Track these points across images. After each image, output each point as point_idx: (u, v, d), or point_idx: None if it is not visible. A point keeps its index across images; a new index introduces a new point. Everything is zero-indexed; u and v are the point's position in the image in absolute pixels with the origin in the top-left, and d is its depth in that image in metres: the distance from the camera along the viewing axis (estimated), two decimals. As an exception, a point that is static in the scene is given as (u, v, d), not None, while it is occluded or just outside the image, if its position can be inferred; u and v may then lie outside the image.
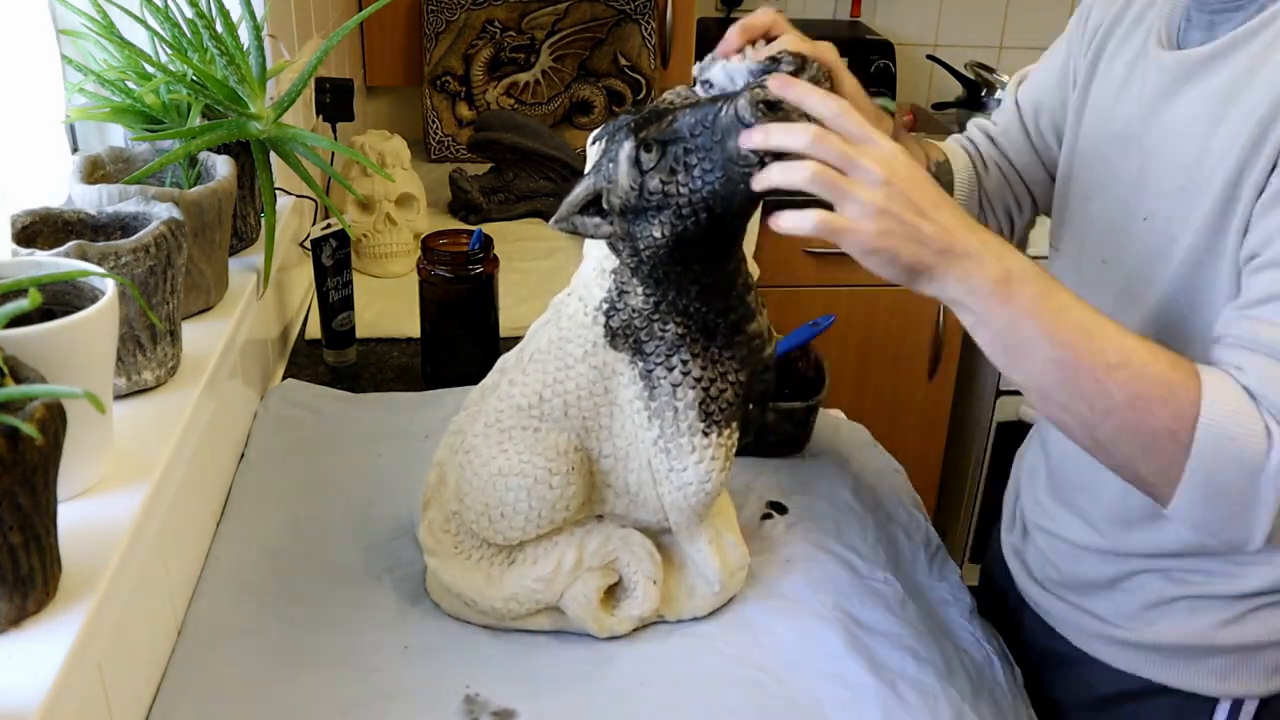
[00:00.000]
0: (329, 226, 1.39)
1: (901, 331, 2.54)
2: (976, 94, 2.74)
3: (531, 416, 0.95)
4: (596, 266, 0.92)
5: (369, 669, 0.95)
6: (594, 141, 0.89)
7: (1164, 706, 1.02)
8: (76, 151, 1.19)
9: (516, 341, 1.01)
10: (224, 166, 1.06)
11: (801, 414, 1.27)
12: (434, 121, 2.30)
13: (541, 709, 0.92)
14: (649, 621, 1.01)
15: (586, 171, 0.89)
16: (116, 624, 0.76)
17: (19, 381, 0.65)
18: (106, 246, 0.85)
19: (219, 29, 1.08)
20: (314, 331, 1.52)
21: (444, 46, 2.28)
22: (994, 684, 1.00)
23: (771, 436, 1.26)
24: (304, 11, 1.71)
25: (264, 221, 1.15)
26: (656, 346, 0.91)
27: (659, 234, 0.86)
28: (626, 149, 0.85)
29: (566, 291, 0.97)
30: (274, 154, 1.13)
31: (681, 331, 0.91)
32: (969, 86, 2.76)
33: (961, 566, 1.58)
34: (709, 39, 2.58)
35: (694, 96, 0.86)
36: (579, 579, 0.98)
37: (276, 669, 0.94)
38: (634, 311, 0.91)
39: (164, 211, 0.92)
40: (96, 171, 1.05)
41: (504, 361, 1.00)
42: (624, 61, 2.34)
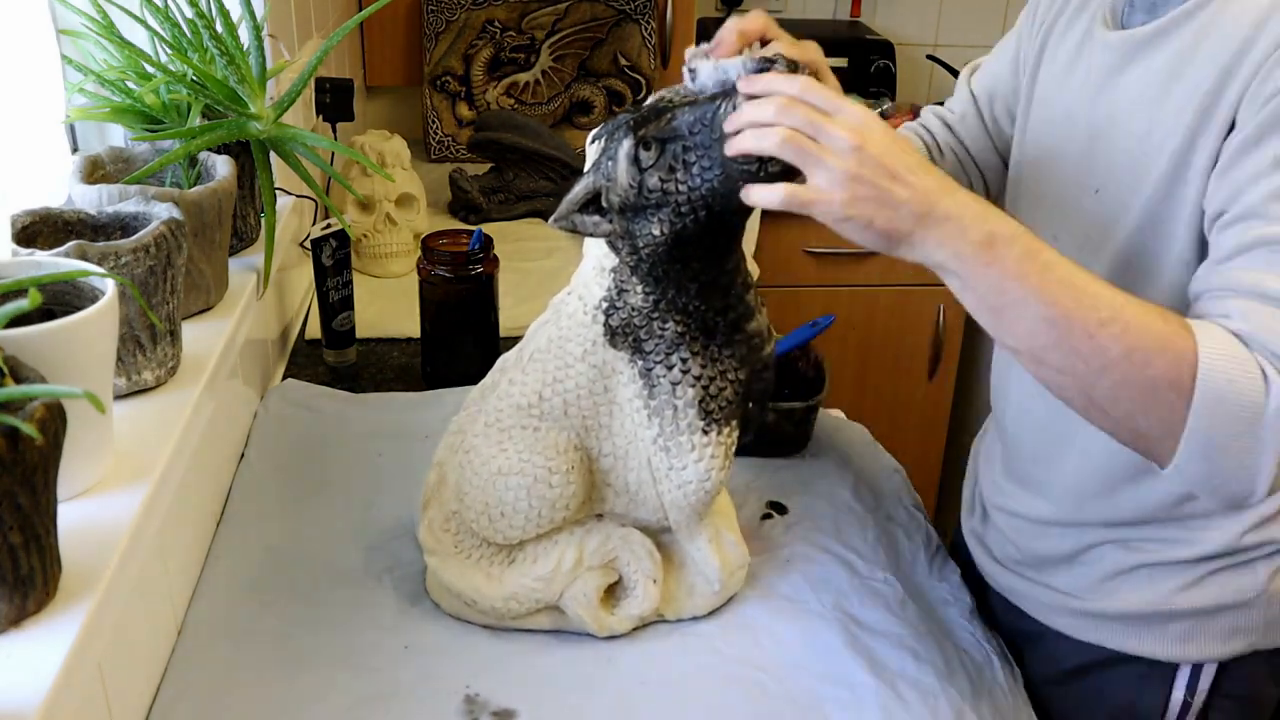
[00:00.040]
0: (329, 226, 1.39)
1: (901, 331, 2.54)
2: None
3: (531, 415, 0.95)
4: (596, 265, 0.92)
5: (369, 669, 0.95)
6: (593, 140, 0.89)
7: (1126, 675, 1.05)
8: (76, 151, 1.19)
9: (516, 341, 1.01)
10: (224, 166, 1.06)
11: (801, 414, 1.27)
12: (434, 121, 2.30)
13: (541, 709, 0.92)
14: (649, 621, 1.01)
15: (586, 170, 0.89)
16: (116, 624, 0.76)
17: (19, 381, 0.65)
18: (106, 246, 0.85)
19: (219, 29, 1.08)
20: (314, 331, 1.52)
21: (444, 46, 2.28)
22: (994, 684, 1.00)
23: (771, 436, 1.26)
24: (304, 11, 1.71)
25: (264, 221, 1.15)
26: (656, 345, 0.91)
27: (658, 232, 0.86)
28: (625, 147, 0.85)
29: (566, 290, 0.97)
30: (274, 154, 1.13)
31: (681, 330, 0.91)
32: (969, 86, 2.76)
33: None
34: (709, 39, 2.59)
35: (692, 94, 0.86)
36: (579, 578, 0.98)
37: (276, 669, 0.94)
38: (633, 310, 0.91)
39: (164, 211, 0.92)
40: (96, 171, 1.05)
41: (504, 361, 1.00)
42: (624, 61, 2.34)
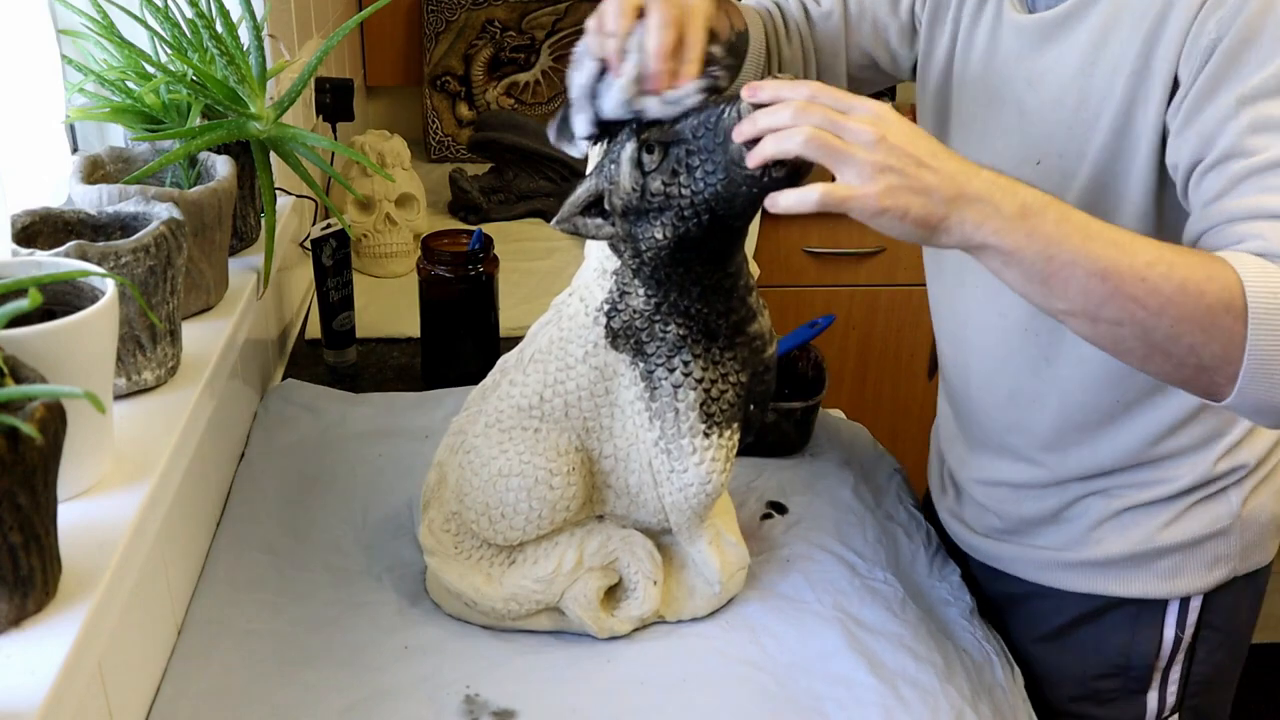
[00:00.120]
0: (329, 226, 1.39)
1: (901, 331, 2.54)
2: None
3: (532, 417, 0.95)
4: (598, 267, 0.92)
5: (369, 669, 0.95)
6: (595, 142, 0.89)
7: (1119, 620, 1.08)
8: (76, 151, 1.19)
9: (516, 341, 1.01)
10: (224, 166, 1.06)
11: (801, 414, 1.27)
12: (434, 121, 2.30)
13: (541, 709, 0.92)
14: (649, 622, 1.01)
15: (588, 172, 0.89)
16: (116, 624, 0.76)
17: (19, 381, 0.65)
18: (106, 246, 0.85)
19: (219, 29, 1.08)
20: (314, 331, 1.52)
21: (444, 46, 2.27)
22: (994, 684, 1.00)
23: (771, 436, 1.26)
24: (304, 11, 1.71)
25: (264, 221, 1.15)
26: (658, 347, 0.91)
27: (661, 235, 0.86)
28: (629, 150, 0.85)
29: (568, 292, 0.97)
30: (274, 154, 1.13)
31: (683, 333, 0.91)
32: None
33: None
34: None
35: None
36: (579, 579, 0.98)
37: (276, 669, 0.94)
38: (635, 312, 0.91)
39: (164, 211, 0.92)
40: (96, 171, 1.04)
41: (504, 361, 1.00)
42: (624, 61, 2.34)
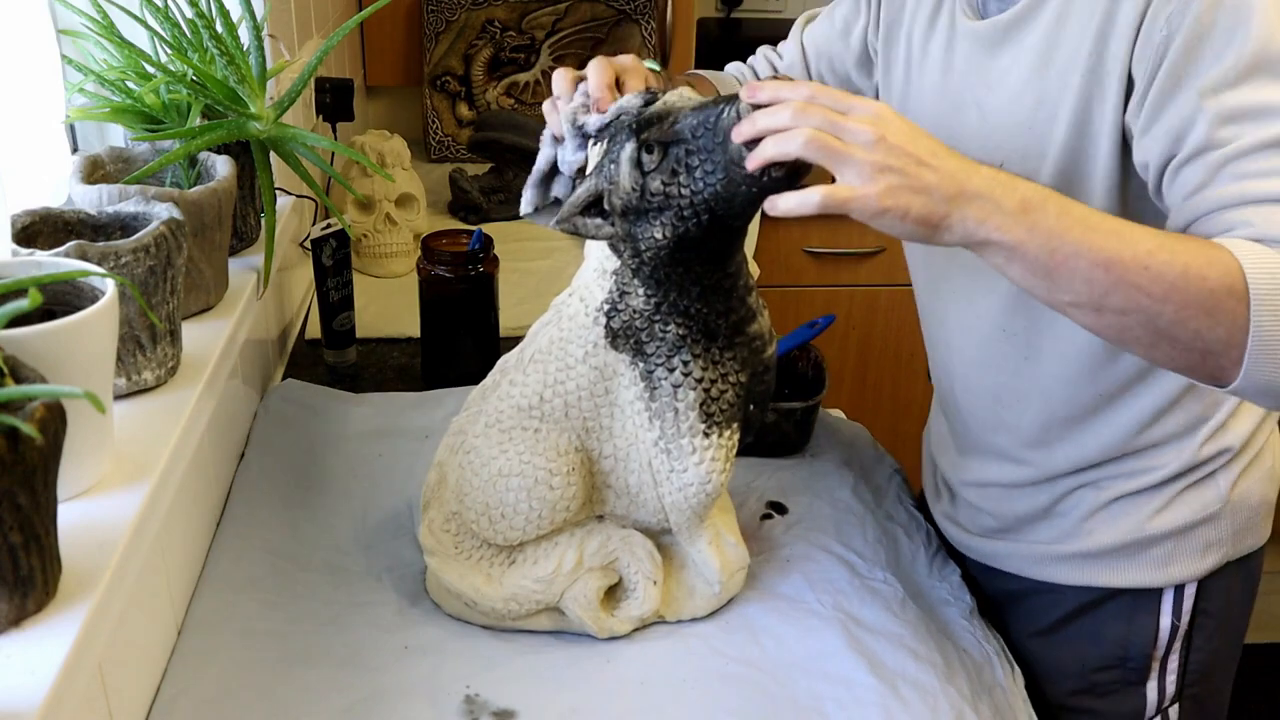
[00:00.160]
0: (329, 226, 1.39)
1: (901, 331, 2.54)
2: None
3: (532, 417, 0.95)
4: (598, 267, 0.92)
5: (369, 669, 0.94)
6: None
7: (1115, 610, 1.09)
8: (76, 151, 1.19)
9: (516, 341, 1.01)
10: (224, 166, 1.06)
11: (801, 414, 1.27)
12: (434, 121, 2.30)
13: (541, 709, 0.92)
14: (649, 622, 1.01)
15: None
16: (116, 624, 0.76)
17: (19, 381, 0.65)
18: (106, 246, 0.85)
19: (219, 29, 1.07)
20: (314, 331, 1.52)
21: (444, 46, 2.28)
22: (994, 684, 1.00)
23: (771, 436, 1.26)
24: (304, 11, 1.71)
25: (264, 221, 1.15)
26: (657, 347, 0.91)
27: (660, 235, 0.86)
28: (628, 150, 0.85)
29: (568, 292, 0.97)
30: (274, 154, 1.13)
31: (682, 333, 0.91)
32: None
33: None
34: (709, 39, 2.58)
35: (695, 98, 0.86)
36: (579, 579, 0.98)
37: (276, 669, 0.94)
38: (635, 312, 0.91)
39: (164, 211, 0.92)
40: (96, 171, 1.04)
41: (504, 362, 1.00)
42: (624, 61, 2.34)
